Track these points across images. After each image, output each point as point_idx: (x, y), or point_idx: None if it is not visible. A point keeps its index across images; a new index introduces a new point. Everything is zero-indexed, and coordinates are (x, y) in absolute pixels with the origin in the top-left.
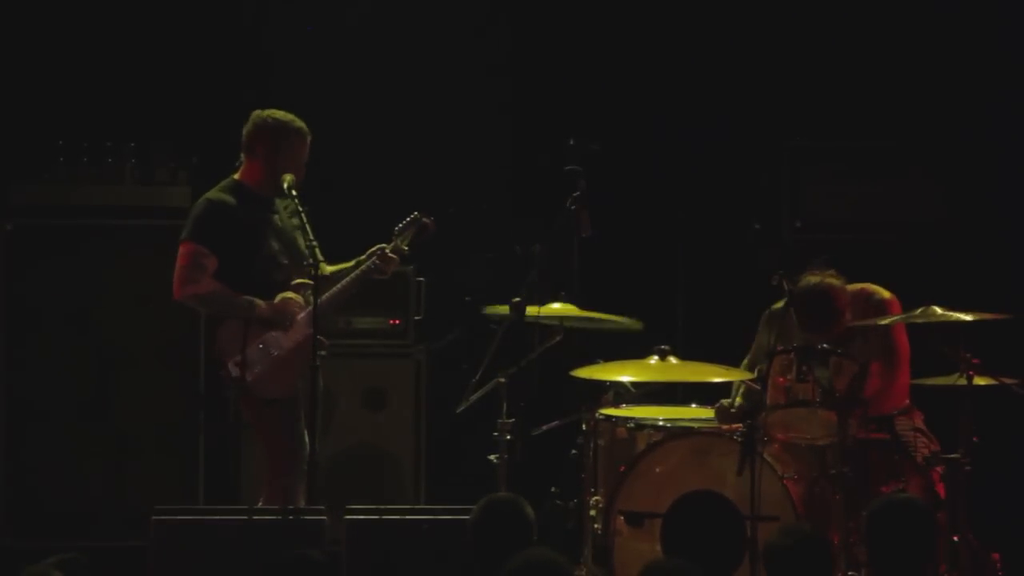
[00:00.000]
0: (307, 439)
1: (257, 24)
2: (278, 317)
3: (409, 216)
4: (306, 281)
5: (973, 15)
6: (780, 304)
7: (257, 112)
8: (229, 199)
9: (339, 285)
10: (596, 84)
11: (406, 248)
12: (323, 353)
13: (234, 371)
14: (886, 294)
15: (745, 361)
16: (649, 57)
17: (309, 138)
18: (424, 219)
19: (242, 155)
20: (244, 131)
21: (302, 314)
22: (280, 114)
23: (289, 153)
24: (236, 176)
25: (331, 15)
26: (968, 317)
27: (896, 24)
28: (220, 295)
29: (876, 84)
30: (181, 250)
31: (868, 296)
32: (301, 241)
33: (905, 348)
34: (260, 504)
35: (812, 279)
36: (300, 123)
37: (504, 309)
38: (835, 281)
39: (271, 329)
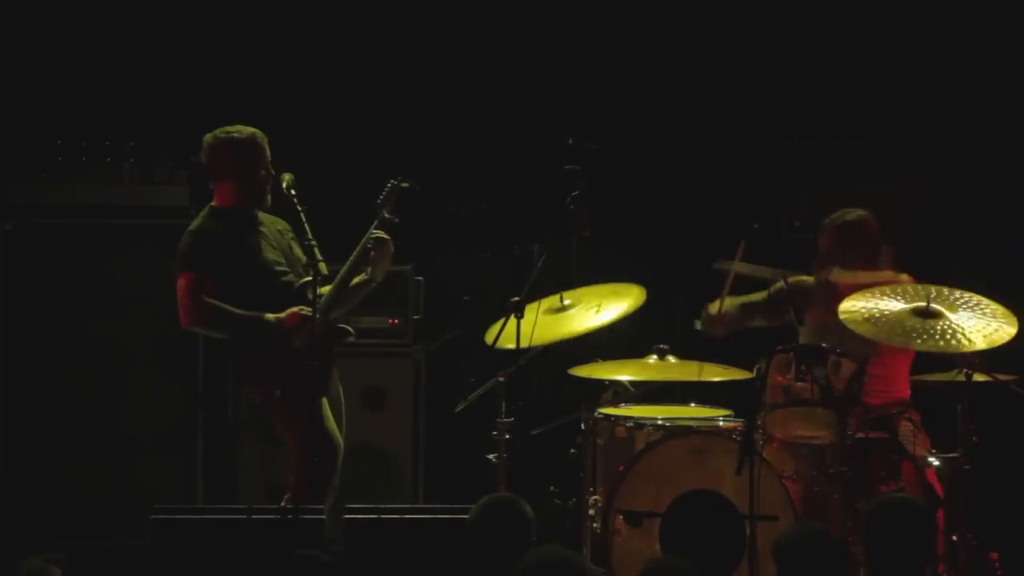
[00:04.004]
0: (337, 437)
1: (256, 24)
2: (286, 330)
3: (388, 184)
4: (307, 279)
5: (973, 15)
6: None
7: (206, 136)
8: (211, 224)
9: (336, 279)
10: (595, 83)
11: (389, 215)
12: (351, 340)
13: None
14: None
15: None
16: (649, 57)
17: (265, 140)
18: (402, 183)
19: (210, 184)
20: (203, 159)
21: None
22: (229, 129)
23: (252, 161)
24: (213, 203)
25: (331, 14)
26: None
27: (896, 24)
28: (225, 317)
29: (876, 84)
30: (179, 284)
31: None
32: (296, 248)
33: None
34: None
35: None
36: (250, 129)
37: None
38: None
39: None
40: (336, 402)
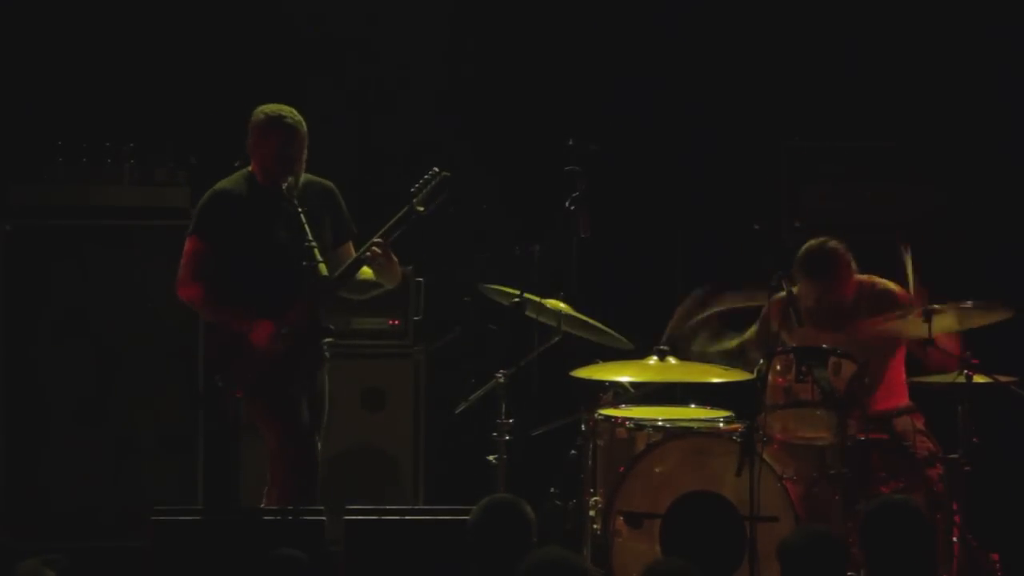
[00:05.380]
0: (313, 436)
1: (256, 24)
2: (260, 341)
3: (427, 174)
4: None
5: (972, 15)
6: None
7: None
8: (234, 188)
9: (341, 270)
10: (595, 84)
11: (422, 209)
12: (330, 340)
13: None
14: (891, 284)
15: (747, 335)
16: (648, 57)
17: (294, 129)
18: (443, 172)
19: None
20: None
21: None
22: (268, 107)
23: (269, 144)
24: (249, 167)
25: (331, 13)
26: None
27: (895, 24)
28: (213, 305)
29: (875, 84)
30: (186, 246)
31: (872, 284)
32: (326, 218)
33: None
34: (263, 504)
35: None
36: (284, 114)
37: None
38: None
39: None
40: (319, 400)
